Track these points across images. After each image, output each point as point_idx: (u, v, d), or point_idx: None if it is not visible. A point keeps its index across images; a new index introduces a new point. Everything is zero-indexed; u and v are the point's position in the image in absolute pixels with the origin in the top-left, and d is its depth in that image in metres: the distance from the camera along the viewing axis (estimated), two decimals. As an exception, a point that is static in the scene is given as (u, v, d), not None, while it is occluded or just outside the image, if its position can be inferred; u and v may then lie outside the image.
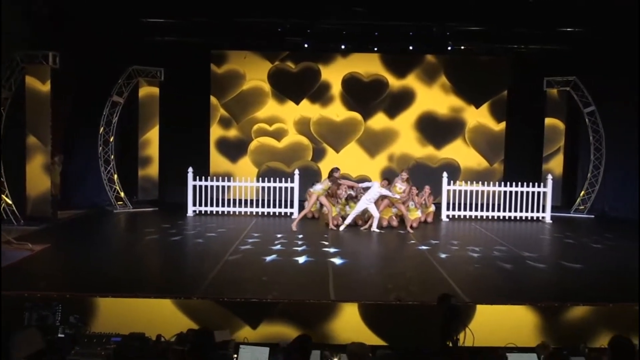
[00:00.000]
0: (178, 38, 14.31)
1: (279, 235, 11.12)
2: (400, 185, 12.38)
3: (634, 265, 9.06)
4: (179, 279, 8.04)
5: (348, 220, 12.05)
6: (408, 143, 16.43)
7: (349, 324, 6.76)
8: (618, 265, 9.36)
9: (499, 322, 6.79)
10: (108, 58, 13.55)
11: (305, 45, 15.06)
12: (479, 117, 16.29)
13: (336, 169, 12.31)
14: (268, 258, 9.18)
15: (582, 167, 15.27)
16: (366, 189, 12.20)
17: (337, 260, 9.11)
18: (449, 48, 14.94)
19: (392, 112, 16.38)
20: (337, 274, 8.29)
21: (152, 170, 15.08)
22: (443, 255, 9.64)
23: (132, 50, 14.16)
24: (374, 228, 11.84)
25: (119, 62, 13.91)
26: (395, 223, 12.43)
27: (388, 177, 12.96)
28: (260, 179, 14.39)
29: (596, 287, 7.94)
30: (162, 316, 6.67)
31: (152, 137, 15.05)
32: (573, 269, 8.91)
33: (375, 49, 15.72)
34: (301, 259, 9.16)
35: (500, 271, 8.68)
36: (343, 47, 15.40)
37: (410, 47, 15.18)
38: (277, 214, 13.77)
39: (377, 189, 11.82)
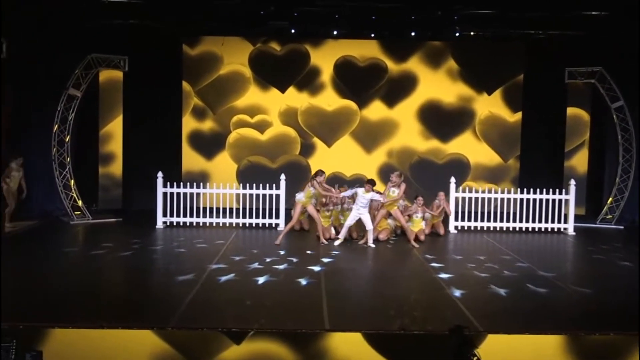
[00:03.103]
0: (143, 22, 14.19)
1: (262, 251, 11.18)
2: (394, 189, 12.13)
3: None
4: (151, 305, 8.11)
5: (342, 234, 12.14)
6: (410, 136, 16.61)
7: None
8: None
9: (517, 353, 6.96)
10: (63, 46, 13.54)
11: (292, 31, 15.06)
12: (491, 106, 16.48)
13: (320, 172, 12.28)
14: (251, 278, 9.24)
15: (609, 168, 15.41)
16: (353, 196, 12.09)
17: (329, 281, 9.20)
18: (457, 34, 14.91)
19: (391, 101, 16.55)
20: (331, 296, 8.38)
21: (115, 169, 15.08)
22: (452, 275, 9.71)
23: (90, 36, 14.07)
24: (370, 243, 11.90)
25: (76, 50, 13.83)
26: (383, 236, 12.43)
27: (372, 179, 12.50)
28: (241, 185, 14.29)
29: (624, 312, 8.04)
30: (132, 346, 6.75)
31: (114, 130, 15.02)
32: (599, 291, 9.05)
33: (372, 35, 15.78)
34: (288, 280, 9.24)
35: (518, 294, 8.78)
36: (335, 32, 15.41)
37: (413, 33, 15.21)
38: (260, 225, 13.82)
39: (362, 194, 11.76)
